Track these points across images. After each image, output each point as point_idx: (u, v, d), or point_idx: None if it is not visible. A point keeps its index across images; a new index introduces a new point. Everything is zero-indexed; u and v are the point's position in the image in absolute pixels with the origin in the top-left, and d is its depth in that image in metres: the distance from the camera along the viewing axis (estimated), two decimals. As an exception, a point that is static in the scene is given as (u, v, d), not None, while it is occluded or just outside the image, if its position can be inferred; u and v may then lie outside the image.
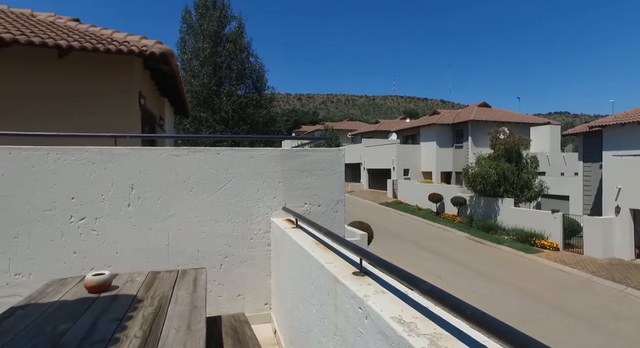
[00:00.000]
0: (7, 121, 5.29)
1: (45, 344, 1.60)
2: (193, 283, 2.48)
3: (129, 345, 1.60)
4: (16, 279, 2.97)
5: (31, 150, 3.02)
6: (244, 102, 21.29)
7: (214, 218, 3.39)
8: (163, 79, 7.91)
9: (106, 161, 3.18)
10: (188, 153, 3.35)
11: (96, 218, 3.15)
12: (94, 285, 2.27)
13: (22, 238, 2.98)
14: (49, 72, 5.80)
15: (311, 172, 3.65)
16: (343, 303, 1.47)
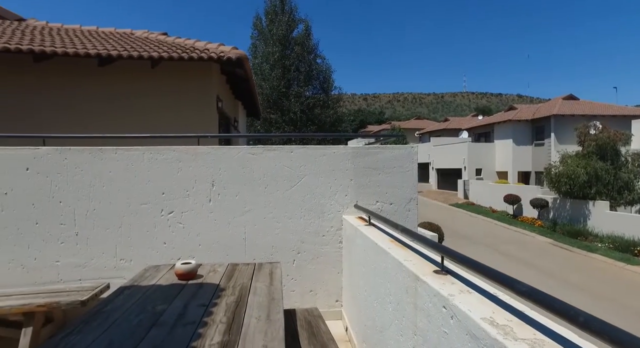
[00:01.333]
0: (110, 122, 5.99)
1: (148, 320, 1.77)
2: (269, 276, 2.58)
3: (215, 329, 1.71)
4: (121, 263, 3.34)
5: (131, 150, 3.38)
6: (311, 103, 21.75)
7: (287, 215, 3.50)
8: (237, 83, 8.37)
9: (190, 159, 3.44)
10: (263, 151, 3.50)
11: (182, 212, 3.43)
12: (183, 273, 2.47)
13: (124, 228, 3.35)
14: (143, 81, 6.47)
15: (383, 170, 3.60)
16: (424, 302, 1.42)
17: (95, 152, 3.36)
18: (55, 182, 3.31)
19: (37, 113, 6.22)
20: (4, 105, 6.18)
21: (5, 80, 6.22)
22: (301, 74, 22.46)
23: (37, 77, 6.26)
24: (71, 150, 3.34)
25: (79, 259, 3.32)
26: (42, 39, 6.23)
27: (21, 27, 7.42)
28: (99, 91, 6.36)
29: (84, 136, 3.83)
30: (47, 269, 3.28)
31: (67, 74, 6.39)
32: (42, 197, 3.29)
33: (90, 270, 3.33)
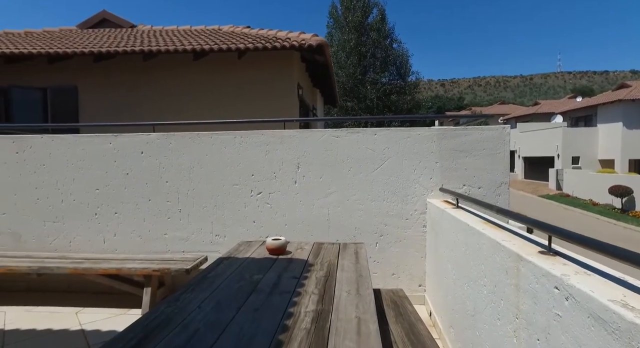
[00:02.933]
0: (204, 109, 6.55)
1: (247, 287, 1.93)
2: (355, 256, 2.62)
3: (308, 299, 1.80)
4: (216, 239, 3.67)
5: (224, 135, 3.65)
6: (387, 89, 21.32)
7: (370, 197, 3.51)
8: (316, 71, 8.51)
9: (277, 143, 3.61)
10: (347, 134, 3.53)
11: (269, 193, 3.63)
12: (274, 248, 2.62)
13: (219, 207, 3.66)
14: (231, 72, 6.96)
15: (471, 152, 3.41)
16: (529, 283, 1.33)
17: (194, 137, 3.69)
18: (163, 164, 3.72)
19: (147, 103, 7.07)
20: (122, 98, 7.17)
21: (122, 77, 7.20)
22: (377, 60, 22.05)
23: (146, 73, 7.10)
24: (175, 135, 3.72)
25: (182, 233, 3.71)
26: (149, 41, 7.02)
27: (133, 33, 8.44)
28: (195, 82, 6.99)
29: (184, 123, 4.24)
30: (158, 240, 3.73)
31: (168, 69, 7.13)
32: (153, 177, 3.73)
33: (191, 244, 3.71)
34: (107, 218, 3.81)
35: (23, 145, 3.83)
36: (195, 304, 1.71)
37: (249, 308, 1.66)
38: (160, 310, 1.65)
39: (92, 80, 7.21)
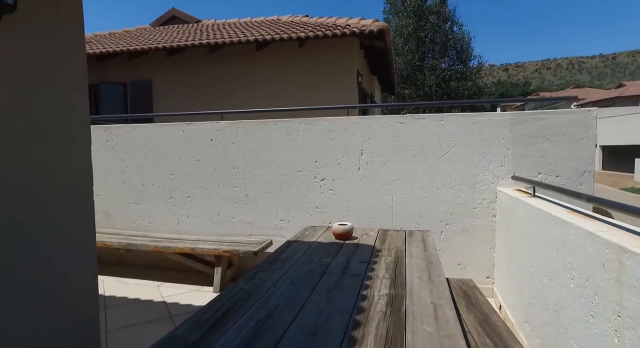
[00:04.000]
0: (267, 97, 6.75)
1: (318, 269, 1.98)
2: (422, 243, 2.57)
3: (380, 283, 1.80)
4: (280, 224, 3.79)
5: (288, 122, 3.73)
6: (447, 75, 20.34)
7: (435, 185, 3.40)
8: (375, 57, 8.36)
9: (341, 129, 3.61)
10: (412, 120, 3.44)
11: (333, 180, 3.66)
12: (340, 233, 2.65)
13: (283, 193, 3.77)
14: (292, 61, 7.09)
15: (548, 138, 3.16)
16: (638, 278, 1.21)
17: (260, 125, 3.81)
18: (231, 150, 3.90)
19: (213, 93, 7.46)
20: (191, 89, 7.67)
21: (191, 69, 7.67)
22: (436, 45, 21.09)
23: (212, 65, 7.49)
24: (241, 123, 3.87)
25: (249, 217, 3.88)
26: (214, 34, 7.37)
27: (199, 27, 8.90)
28: (258, 72, 7.23)
29: (250, 111, 4.40)
30: (226, 224, 3.94)
31: (233, 59, 7.44)
32: (222, 163, 3.93)
33: (257, 228, 3.87)
34: (180, 201, 4.09)
35: (111, 134, 4.22)
36: (270, 283, 1.79)
37: (323, 289, 1.70)
38: (239, 286, 1.75)
39: (164, 73, 7.76)
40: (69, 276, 1.72)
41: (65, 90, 1.70)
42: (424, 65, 20.75)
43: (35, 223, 1.57)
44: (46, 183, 1.62)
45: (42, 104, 1.60)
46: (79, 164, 1.77)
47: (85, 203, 1.81)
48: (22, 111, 1.53)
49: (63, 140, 1.69)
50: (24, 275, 1.53)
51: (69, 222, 1.72)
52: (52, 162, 1.64)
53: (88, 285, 1.82)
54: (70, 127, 1.73)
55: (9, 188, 1.47)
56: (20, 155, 1.51)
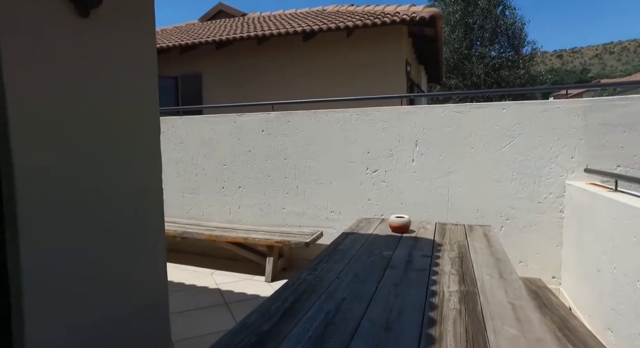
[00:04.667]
0: (315, 88, 6.71)
1: (380, 262, 1.92)
2: (485, 238, 2.43)
3: (448, 279, 1.71)
4: (331, 215, 3.76)
5: (340, 112, 3.67)
6: (497, 63, 19.25)
7: (495, 178, 3.21)
8: (423, 46, 8.06)
9: (394, 119, 3.50)
10: (470, 109, 3.26)
11: (385, 171, 3.56)
12: (397, 226, 2.57)
13: (334, 184, 3.73)
14: (338, 50, 7.01)
15: (630, 127, 2.87)
16: None
17: (311, 115, 3.79)
18: (282, 141, 3.91)
19: (262, 84, 7.56)
20: (239, 80, 7.83)
21: (239, 62, 7.83)
22: (486, 31, 19.98)
23: (261, 57, 7.59)
24: (292, 114, 3.86)
25: (299, 208, 3.89)
26: (261, 27, 7.44)
27: (245, 20, 9.04)
28: (305, 63, 7.22)
29: (301, 101, 4.38)
30: (277, 214, 3.97)
31: (280, 51, 7.49)
32: (272, 154, 3.95)
33: (307, 219, 3.87)
34: (232, 191, 4.17)
35: (167, 126, 4.37)
36: (333, 275, 1.76)
37: (389, 283, 1.64)
38: (302, 277, 1.73)
39: (214, 66, 7.97)
40: (143, 263, 1.79)
41: (140, 81, 1.75)
42: (472, 53, 19.78)
43: (115, 210, 1.63)
44: (121, 172, 1.68)
45: (121, 95, 1.65)
46: (151, 152, 1.83)
47: (157, 192, 1.86)
48: (106, 103, 1.58)
49: (137, 130, 1.75)
50: (108, 261, 1.60)
51: (143, 210, 1.78)
52: (126, 151, 1.70)
53: (159, 272, 1.88)
54: (143, 117, 1.78)
55: (91, 176, 1.53)
56: (101, 141, 1.57)
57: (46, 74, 1.39)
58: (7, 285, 1.28)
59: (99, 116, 1.57)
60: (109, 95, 1.61)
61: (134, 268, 1.74)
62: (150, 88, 1.81)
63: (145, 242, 1.79)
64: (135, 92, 1.73)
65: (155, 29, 1.85)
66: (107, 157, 1.61)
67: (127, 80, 1.69)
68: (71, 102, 1.48)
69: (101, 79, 1.57)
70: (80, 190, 1.50)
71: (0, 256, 1.28)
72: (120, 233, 1.66)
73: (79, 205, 1.49)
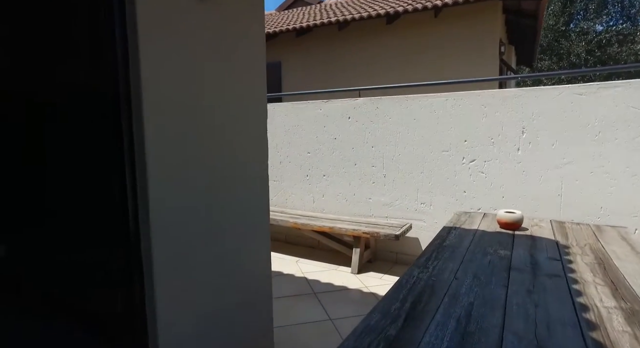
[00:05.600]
0: (403, 72, 6.41)
1: (499, 262, 1.69)
2: (624, 242, 2.05)
3: (595, 289, 1.43)
4: (421, 207, 3.54)
5: (434, 97, 3.40)
6: (604, 39, 16.76)
7: (629, 171, 2.73)
8: (518, 23, 7.26)
9: (497, 104, 3.14)
10: (597, 89, 2.79)
11: (485, 161, 3.23)
12: (508, 222, 2.29)
13: (426, 174, 3.49)
14: (424, 32, 6.60)
15: None
16: None
17: (401, 101, 3.56)
18: (369, 129, 3.75)
19: (343, 71, 7.44)
20: (322, 67, 7.80)
21: (320, 48, 7.82)
22: (592, 2, 17.48)
23: (342, 43, 7.45)
24: (381, 99, 3.67)
25: (386, 199, 3.71)
26: (340, 12, 7.26)
27: (323, 7, 8.95)
28: (388, 47, 6.93)
29: (388, 86, 4.17)
30: (362, 204, 3.85)
31: (362, 36, 7.28)
32: (359, 142, 3.81)
33: (394, 210, 3.68)
34: (316, 180, 4.13)
35: (254, 113, 4.46)
36: (449, 274, 1.58)
37: (520, 289, 1.42)
38: (414, 275, 1.57)
39: (293, 54, 8.01)
40: (252, 250, 1.78)
41: (250, 65, 1.71)
42: (570, 30, 17.53)
43: (230, 195, 1.63)
44: (233, 159, 1.66)
45: (236, 80, 1.63)
46: (258, 139, 1.80)
47: (264, 178, 1.84)
48: (224, 87, 1.57)
49: (250, 115, 1.72)
50: (227, 249, 1.60)
51: (253, 197, 1.76)
52: (239, 139, 1.68)
53: (265, 259, 1.87)
54: (250, 104, 1.74)
55: (206, 164, 1.53)
56: (218, 125, 1.56)
57: (174, 58, 1.39)
58: (142, 275, 1.31)
59: (219, 100, 1.56)
60: (226, 78, 1.59)
61: (246, 254, 1.73)
62: (259, 74, 1.76)
63: (254, 229, 1.78)
64: (246, 77, 1.70)
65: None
66: (224, 142, 1.60)
67: (240, 65, 1.66)
68: (197, 88, 1.48)
69: (218, 63, 1.55)
70: (203, 173, 1.51)
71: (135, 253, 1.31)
72: (234, 219, 1.66)
73: (205, 192, 1.51)
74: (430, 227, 3.50)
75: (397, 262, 3.70)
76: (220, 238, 1.60)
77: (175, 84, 1.41)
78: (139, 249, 1.28)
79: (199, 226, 1.51)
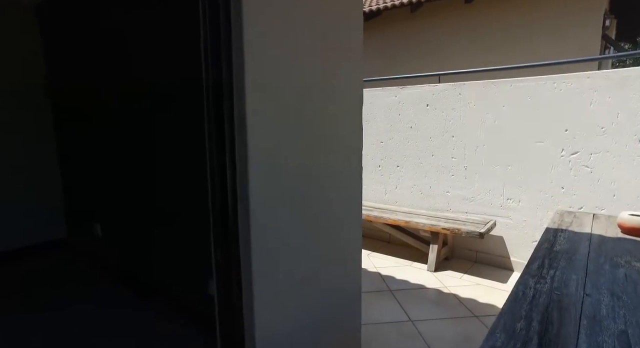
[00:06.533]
0: (486, 55, 5.89)
1: (639, 277, 1.41)
2: None
3: None
4: (507, 203, 3.21)
5: (528, 81, 3.02)
6: None
7: None
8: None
9: (612, 87, 2.70)
10: None
11: (590, 154, 2.82)
12: (636, 227, 1.94)
13: (514, 167, 3.14)
14: (510, 8, 5.98)
15: None
16: None
17: (489, 86, 3.22)
18: (449, 117, 3.46)
19: (421, 55, 7.03)
20: (395, 51, 7.47)
21: (391, 32, 7.48)
22: None
23: (415, 25, 7.04)
24: (465, 85, 3.35)
25: (466, 192, 3.42)
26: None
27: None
28: (471, 28, 6.41)
29: (472, 71, 3.81)
30: (439, 197, 3.59)
31: (439, 17, 6.81)
32: (438, 131, 3.54)
33: (475, 205, 3.38)
34: (389, 170, 3.93)
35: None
36: (574, 288, 1.33)
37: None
38: (529, 285, 1.35)
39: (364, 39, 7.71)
40: (346, 246, 1.68)
41: (348, 50, 1.58)
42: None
43: (327, 187, 1.53)
44: (331, 151, 1.55)
45: (332, 65, 1.50)
46: (355, 129, 1.67)
47: (358, 171, 1.72)
48: (324, 77, 1.45)
49: (344, 105, 1.60)
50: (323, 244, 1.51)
51: (348, 191, 1.65)
52: (335, 127, 1.56)
53: (356, 255, 1.76)
54: (348, 91, 1.62)
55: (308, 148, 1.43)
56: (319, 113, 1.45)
57: (278, 34, 1.29)
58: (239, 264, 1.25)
59: (318, 88, 1.45)
60: (324, 63, 1.47)
61: (339, 251, 1.63)
62: (358, 57, 1.62)
63: (347, 224, 1.66)
64: (344, 62, 1.57)
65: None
66: (323, 131, 1.50)
67: (339, 48, 1.53)
68: (297, 69, 1.38)
69: (317, 42, 1.43)
70: (302, 166, 1.43)
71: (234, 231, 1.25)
72: (331, 214, 1.56)
73: (303, 188, 1.43)
74: (518, 225, 3.17)
75: (476, 261, 3.42)
76: (315, 236, 1.51)
77: (277, 69, 1.31)
78: (237, 248, 1.21)
79: (296, 224, 1.43)
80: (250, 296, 1.24)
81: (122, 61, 2.50)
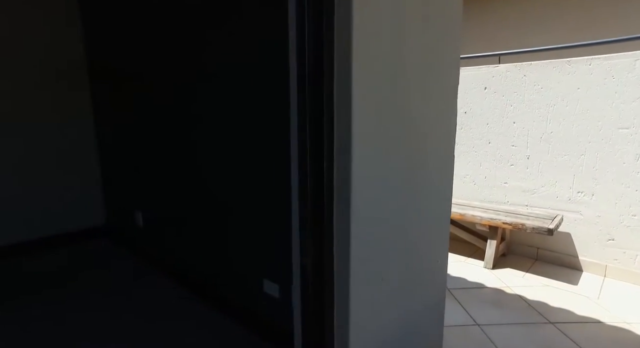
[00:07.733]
0: (581, 31, 5.31)
1: None
2: None
3: None
4: (577, 196, 2.90)
5: (614, 59, 2.67)
6: None
7: None
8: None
9: None
10: None
11: (684, 143, 2.47)
12: None
13: (588, 156, 2.82)
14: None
15: None
16: None
17: (561, 66, 2.89)
18: (511, 101, 3.15)
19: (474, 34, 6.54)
20: None
21: None
22: None
23: None
24: (532, 65, 3.03)
25: (528, 184, 3.13)
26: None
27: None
28: None
29: (534, 50, 3.45)
30: (495, 189, 3.31)
31: None
32: (496, 117, 3.24)
33: (537, 198, 3.09)
34: (437, 159, 3.66)
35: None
36: None
37: None
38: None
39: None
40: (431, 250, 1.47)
41: (447, 28, 1.34)
42: None
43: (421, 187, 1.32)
44: (428, 143, 1.33)
45: (433, 45, 1.27)
46: (451, 117, 1.44)
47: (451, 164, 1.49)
48: (425, 56, 1.22)
49: (441, 87, 1.36)
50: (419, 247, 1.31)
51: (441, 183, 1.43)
52: (432, 118, 1.34)
53: (442, 260, 1.55)
54: (446, 72, 1.38)
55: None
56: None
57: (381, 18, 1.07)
58: None
59: (421, 63, 1.23)
60: (426, 42, 1.24)
61: (429, 255, 1.42)
62: (455, 36, 1.38)
63: (438, 223, 1.45)
64: (442, 41, 1.33)
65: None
66: (422, 123, 1.28)
67: (438, 25, 1.29)
68: (404, 50, 1.16)
69: (418, 23, 1.19)
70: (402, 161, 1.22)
71: None
72: (427, 214, 1.35)
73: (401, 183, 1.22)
74: (590, 221, 2.86)
75: (537, 258, 3.14)
76: (414, 237, 1.31)
77: (382, 50, 1.08)
78: (331, 255, 1.01)
79: (399, 228, 1.23)
80: (345, 311, 1.05)
81: (177, 39, 2.29)
